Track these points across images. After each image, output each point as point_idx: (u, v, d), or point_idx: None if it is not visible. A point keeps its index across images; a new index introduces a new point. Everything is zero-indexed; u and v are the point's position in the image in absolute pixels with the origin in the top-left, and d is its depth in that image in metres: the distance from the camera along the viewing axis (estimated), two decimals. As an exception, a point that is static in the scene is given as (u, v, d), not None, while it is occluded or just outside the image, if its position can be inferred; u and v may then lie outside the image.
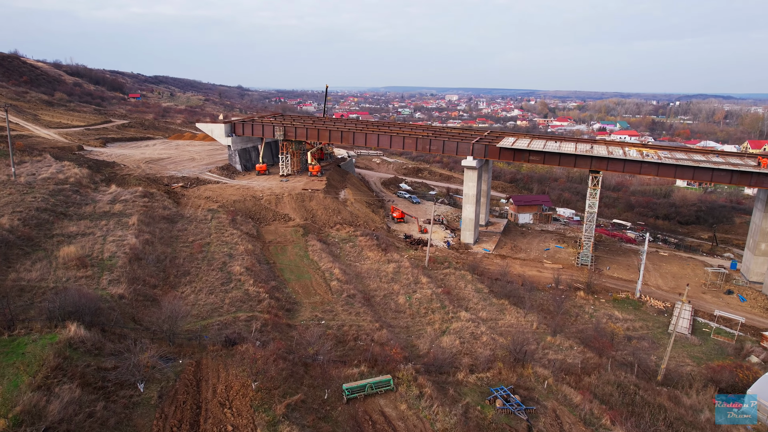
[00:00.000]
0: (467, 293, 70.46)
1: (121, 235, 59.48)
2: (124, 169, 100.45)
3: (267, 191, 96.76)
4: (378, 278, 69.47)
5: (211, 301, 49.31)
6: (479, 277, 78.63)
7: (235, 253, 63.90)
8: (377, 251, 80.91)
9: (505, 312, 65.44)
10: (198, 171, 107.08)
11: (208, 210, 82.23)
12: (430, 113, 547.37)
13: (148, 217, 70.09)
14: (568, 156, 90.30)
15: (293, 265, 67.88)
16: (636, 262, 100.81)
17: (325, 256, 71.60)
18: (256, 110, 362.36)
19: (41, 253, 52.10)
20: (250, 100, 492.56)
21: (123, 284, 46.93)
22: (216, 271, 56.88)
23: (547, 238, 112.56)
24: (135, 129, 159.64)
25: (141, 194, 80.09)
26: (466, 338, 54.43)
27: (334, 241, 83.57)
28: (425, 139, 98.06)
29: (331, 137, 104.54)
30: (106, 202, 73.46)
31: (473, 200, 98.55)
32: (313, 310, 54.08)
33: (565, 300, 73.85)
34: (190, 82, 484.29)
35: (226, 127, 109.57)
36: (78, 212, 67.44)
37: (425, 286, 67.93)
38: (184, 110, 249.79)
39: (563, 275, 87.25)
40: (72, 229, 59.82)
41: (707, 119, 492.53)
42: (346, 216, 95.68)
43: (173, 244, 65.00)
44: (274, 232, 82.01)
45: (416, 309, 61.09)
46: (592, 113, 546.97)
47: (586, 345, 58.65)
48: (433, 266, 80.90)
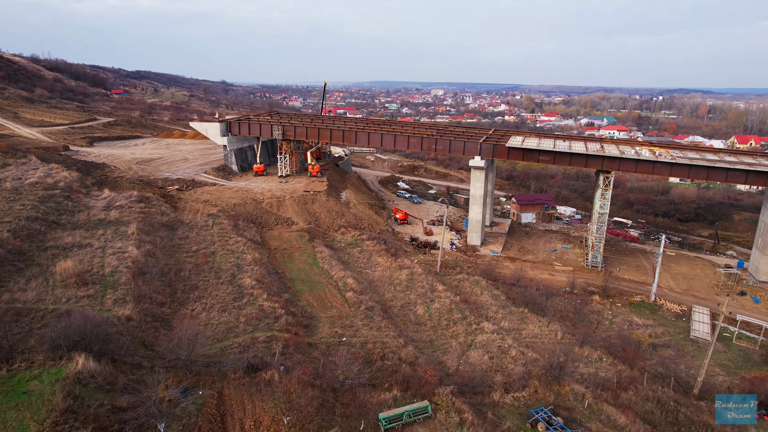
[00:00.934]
0: (485, 301, 67.71)
1: (121, 246, 55.28)
2: (116, 171, 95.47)
3: (267, 194, 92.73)
4: (392, 286, 66.30)
5: (225, 320, 45.63)
6: (494, 282, 75.93)
7: (243, 263, 60.12)
8: (387, 256, 77.68)
9: (527, 321, 62.83)
10: (193, 172, 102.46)
11: (208, 215, 78.04)
12: (417, 108, 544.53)
13: (147, 224, 65.81)
14: (579, 156, 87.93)
15: (303, 274, 64.31)
16: (645, 263, 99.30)
17: (335, 264, 68.16)
18: (242, 106, 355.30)
19: (36, 269, 47.81)
20: (235, 96, 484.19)
21: (129, 304, 43.01)
22: (226, 285, 53.10)
23: (552, 238, 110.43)
24: (122, 127, 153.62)
25: (137, 199, 75.56)
26: (494, 352, 51.63)
27: (340, 246, 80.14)
28: (431, 139, 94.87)
29: (332, 137, 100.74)
30: (101, 209, 68.90)
31: (480, 201, 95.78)
32: (331, 326, 50.70)
33: (583, 306, 71.55)
34: (173, 77, 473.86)
35: (222, 127, 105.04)
36: (71, 221, 62.90)
37: (442, 295, 64.97)
38: (170, 107, 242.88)
39: (576, 278, 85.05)
40: (67, 240, 55.46)
41: (691, 114, 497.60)
42: (350, 219, 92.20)
43: (176, 254, 60.96)
44: (279, 237, 78.23)
45: (437, 320, 58.09)
46: (578, 108, 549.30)
47: (614, 355, 56.33)
48: (445, 271, 77.99)
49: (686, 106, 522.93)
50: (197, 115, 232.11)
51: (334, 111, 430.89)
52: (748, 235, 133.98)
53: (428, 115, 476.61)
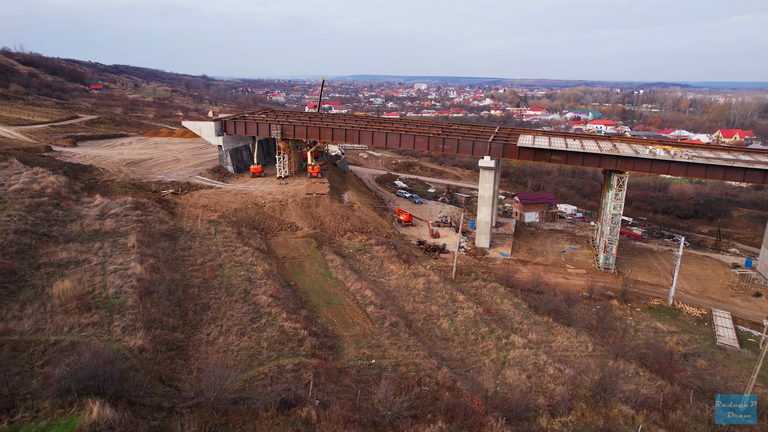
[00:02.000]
0: (507, 310, 64.59)
1: (122, 262, 50.52)
2: (105, 174, 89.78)
3: (268, 197, 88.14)
4: (410, 297, 62.70)
5: (246, 346, 41.45)
6: (511, 289, 72.90)
7: (255, 276, 55.83)
8: (399, 263, 74.03)
9: (554, 332, 59.88)
10: (187, 174, 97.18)
11: (208, 222, 73.33)
12: (402, 103, 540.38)
13: (146, 235, 60.98)
14: (593, 156, 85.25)
15: (317, 286, 60.28)
16: (655, 263, 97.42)
17: (349, 274, 64.27)
18: (226, 101, 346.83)
19: (30, 292, 42.94)
20: (217, 90, 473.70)
21: (140, 331, 38.56)
22: (240, 303, 48.82)
23: (559, 239, 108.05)
24: (106, 125, 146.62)
25: (132, 206, 70.48)
26: (530, 370, 48.47)
27: (349, 253, 76.18)
28: (438, 138, 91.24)
29: (334, 136, 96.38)
30: (94, 218, 63.76)
31: (489, 202, 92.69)
32: (357, 346, 46.90)
33: (606, 313, 68.92)
34: (152, 71, 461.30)
35: (216, 126, 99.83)
36: (64, 232, 57.77)
37: (464, 306, 61.61)
38: (153, 103, 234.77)
39: (592, 282, 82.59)
40: (62, 256, 50.49)
41: (673, 108, 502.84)
42: (356, 222, 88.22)
43: (181, 267, 56.35)
44: (285, 244, 73.93)
45: (464, 335, 54.72)
46: (562, 102, 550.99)
47: (650, 368, 53.67)
48: (460, 278, 74.67)
49: (668, 100, 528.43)
50: (182, 111, 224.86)
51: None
52: (747, 231, 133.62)
53: (414, 110, 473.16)
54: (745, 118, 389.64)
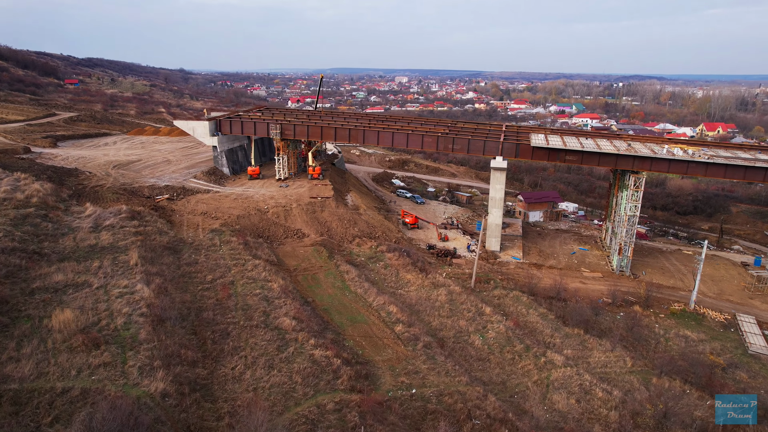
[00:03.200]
0: (534, 322, 61.22)
1: (127, 284, 45.33)
2: (92, 179, 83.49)
3: (270, 202, 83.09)
4: (435, 311, 58.80)
5: (278, 381, 36.94)
6: (533, 297, 69.61)
7: (271, 295, 51.16)
8: (415, 272, 70.05)
9: (588, 346, 56.70)
10: (181, 177, 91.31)
11: (211, 231, 68.14)
12: (385, 97, 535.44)
13: (147, 249, 55.66)
14: (609, 156, 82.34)
15: (337, 302, 55.89)
16: (667, 264, 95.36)
17: (368, 287, 60.02)
18: (206, 96, 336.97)
19: (26, 325, 37.65)
20: (196, 84, 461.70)
21: (159, 371, 33.74)
22: (261, 328, 44.17)
23: (566, 239, 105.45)
24: (86, 123, 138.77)
25: (127, 215, 64.87)
26: (577, 393, 45.08)
27: (361, 262, 71.88)
28: (447, 138, 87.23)
29: (337, 136, 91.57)
30: (88, 231, 58.12)
31: (500, 204, 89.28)
32: (394, 374, 42.79)
33: (634, 322, 66.10)
34: (128, 65, 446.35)
35: (211, 126, 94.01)
36: (56, 249, 52.15)
37: (493, 319, 57.99)
38: (133, 98, 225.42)
39: (610, 287, 79.98)
40: (58, 279, 45.07)
41: (654, 101, 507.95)
42: (363, 227, 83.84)
43: (189, 286, 51.33)
44: (294, 254, 69.23)
45: (499, 354, 51.08)
46: (545, 95, 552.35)
47: (696, 385, 50.87)
48: (480, 286, 71.08)
49: (648, 93, 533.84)
50: (164, 107, 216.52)
51: (303, 99, 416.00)
52: (747, 227, 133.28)
53: (398, 104, 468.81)
54: (725, 111, 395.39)
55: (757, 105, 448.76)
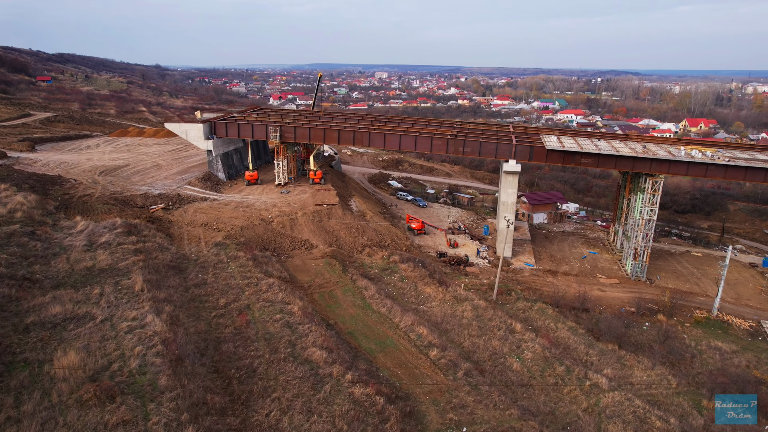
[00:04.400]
0: (565, 338, 57.88)
1: (135, 316, 40.19)
2: (79, 187, 77.22)
3: (274, 210, 78.03)
4: (463, 329, 54.94)
5: (320, 430, 32.50)
6: (558, 309, 66.40)
7: (293, 320, 46.54)
8: (433, 284, 66.13)
9: (626, 364, 53.58)
10: (174, 184, 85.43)
11: (215, 245, 62.99)
12: (367, 93, 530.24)
13: (151, 270, 50.40)
14: (626, 158, 79.53)
15: (361, 324, 51.56)
16: (679, 267, 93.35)
17: (390, 305, 55.84)
18: (186, 93, 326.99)
19: (24, 372, 32.39)
20: (173, 81, 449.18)
21: (189, 428, 28.93)
22: (290, 362, 39.57)
23: (574, 242, 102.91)
24: (65, 124, 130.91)
25: (123, 230, 59.31)
26: (632, 422, 41.76)
27: (375, 274, 67.60)
28: (458, 141, 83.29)
29: (340, 138, 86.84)
30: (82, 249, 52.53)
31: (512, 209, 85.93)
32: (439, 410, 38.76)
33: (666, 334, 63.36)
34: (101, 61, 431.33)
35: (205, 128, 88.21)
36: (49, 273, 46.56)
37: (525, 337, 54.44)
38: (111, 97, 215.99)
39: (629, 294, 77.46)
40: (55, 311, 39.70)
41: (633, 96, 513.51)
42: (372, 235, 79.52)
43: (202, 312, 46.33)
44: (305, 268, 64.55)
45: (540, 377, 47.51)
46: (526, 91, 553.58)
47: (746, 406, 48.11)
48: (502, 298, 67.55)
49: (628, 89, 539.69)
50: (144, 105, 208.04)
51: (285, 96, 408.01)
52: (746, 225, 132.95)
53: (380, 100, 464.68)
54: (704, 106, 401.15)
55: (732, 100, 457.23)
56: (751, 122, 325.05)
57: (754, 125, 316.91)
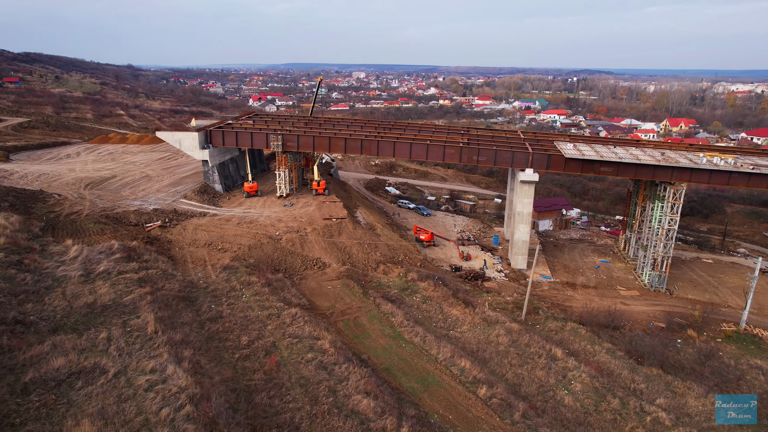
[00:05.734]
0: (606, 362, 54.23)
1: (154, 367, 34.62)
2: (65, 204, 70.40)
3: (280, 225, 72.60)
4: (502, 358, 50.76)
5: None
6: (589, 328, 62.89)
7: (327, 359, 41.55)
8: (459, 305, 61.88)
9: (675, 390, 50.18)
10: (169, 198, 79.08)
11: (223, 269, 57.43)
12: (347, 93, 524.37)
13: (161, 305, 44.69)
14: (647, 167, 76.66)
15: (396, 358, 46.85)
16: (693, 275, 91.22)
17: (423, 333, 51.32)
18: (163, 94, 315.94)
19: (31, 450, 26.78)
20: (148, 82, 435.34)
21: None
22: (335, 415, 34.60)
23: (584, 250, 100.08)
24: (40, 130, 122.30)
25: (122, 255, 53.29)
26: (707, 467, 38.24)
27: (395, 294, 62.92)
28: (471, 149, 79.19)
29: (347, 147, 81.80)
30: (79, 281, 46.48)
31: (528, 219, 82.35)
32: (505, 464, 34.38)
33: (708, 354, 60.41)
34: (71, 60, 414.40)
35: (200, 137, 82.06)
36: (45, 313, 40.49)
37: (569, 365, 50.60)
38: (86, 99, 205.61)
39: (653, 307, 74.68)
40: (57, 364, 33.89)
41: (611, 95, 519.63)
42: (384, 251, 74.81)
43: (223, 354, 40.91)
44: (321, 291, 59.48)
45: (596, 413, 43.62)
46: (506, 91, 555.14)
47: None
48: (531, 318, 63.68)
49: (606, 88, 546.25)
50: (121, 108, 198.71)
51: (264, 97, 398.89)
52: (745, 228, 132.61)
53: (362, 101, 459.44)
54: (681, 106, 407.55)
55: (706, 100, 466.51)
56: (727, 122, 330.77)
57: (730, 125, 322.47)
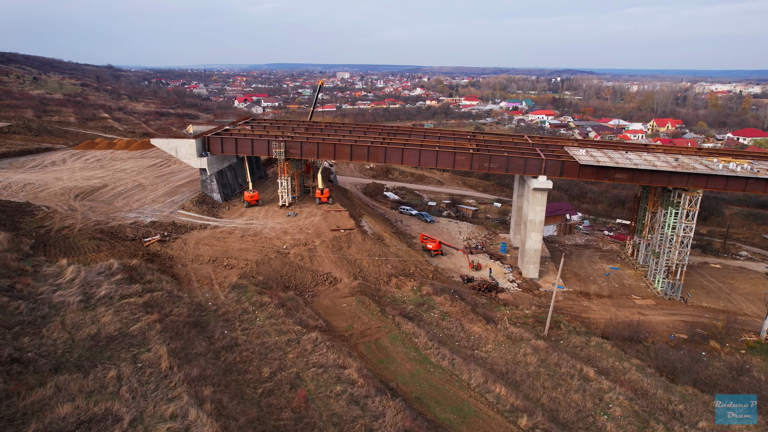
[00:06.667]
0: (638, 380, 51.82)
1: (174, 412, 30.81)
2: (54, 217, 65.73)
3: (286, 238, 68.89)
4: (533, 380, 47.95)
5: None
6: (614, 342, 60.55)
7: (357, 392, 38.18)
8: (479, 322, 59.00)
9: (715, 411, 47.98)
10: (166, 209, 74.74)
11: (231, 288, 53.65)
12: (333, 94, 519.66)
13: (171, 334, 40.83)
14: (662, 173, 74.76)
15: (426, 384, 43.69)
16: (704, 281, 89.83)
17: (450, 355, 48.28)
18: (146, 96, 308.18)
19: None
20: (129, 83, 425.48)
21: None
22: (377, 459, 31.34)
23: (591, 256, 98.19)
24: (21, 135, 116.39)
25: (122, 276, 49.22)
26: (768, 501, 35.87)
27: (412, 311, 59.75)
28: (482, 156, 76.46)
29: (353, 155, 78.39)
30: (78, 308, 42.38)
31: (540, 227, 79.96)
32: None
33: (739, 368, 58.48)
34: (48, 61, 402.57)
35: (198, 144, 77.83)
36: (44, 348, 36.38)
37: (603, 386, 47.99)
38: (67, 101, 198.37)
39: (671, 316, 72.81)
40: (63, 411, 29.92)
41: (596, 96, 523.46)
42: (395, 262, 71.65)
43: (245, 389, 37.25)
44: (336, 310, 56.05)
45: (642, 443, 41.07)
46: (492, 91, 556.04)
47: None
48: (553, 333, 61.09)
49: (590, 88, 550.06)
50: (104, 111, 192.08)
51: (250, 98, 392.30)
52: (744, 230, 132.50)
53: (348, 102, 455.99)
54: (665, 106, 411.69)
55: (688, 100, 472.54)
56: (711, 122, 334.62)
57: (714, 124, 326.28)
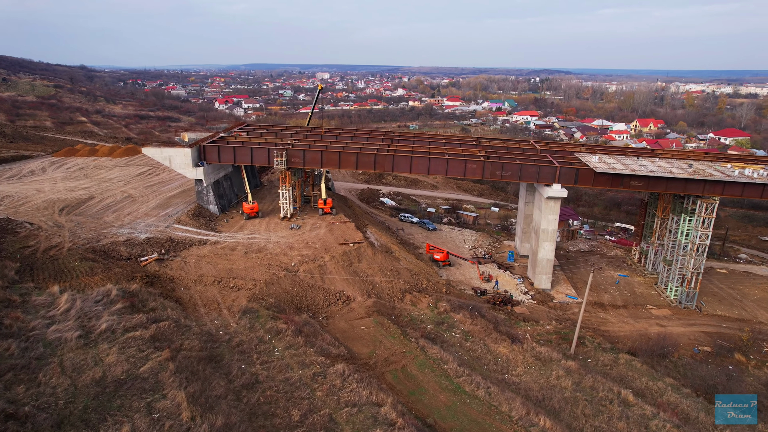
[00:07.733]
0: (676, 402, 49.32)
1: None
2: (40, 235, 60.29)
3: (293, 253, 64.66)
4: (572, 407, 44.93)
5: None
6: (645, 360, 58.09)
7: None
8: (504, 340, 55.87)
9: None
10: (161, 223, 69.73)
11: (242, 313, 49.36)
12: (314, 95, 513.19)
13: (186, 374, 36.46)
14: (677, 180, 72.79)
15: (464, 418, 40.23)
16: (714, 288, 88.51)
17: (484, 383, 44.91)
18: (124, 98, 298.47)
19: None
20: (104, 84, 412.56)
21: None
22: None
23: (598, 263, 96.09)
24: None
25: (123, 304, 44.53)
26: None
27: (432, 331, 56.29)
28: (494, 164, 73.40)
29: (359, 163, 74.49)
30: (77, 345, 37.70)
31: (553, 237, 77.35)
32: None
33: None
34: (17, 61, 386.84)
35: (193, 154, 72.98)
36: (42, 399, 31.75)
37: (646, 412, 45.24)
38: (41, 104, 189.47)
39: (690, 327, 70.94)
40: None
41: (576, 96, 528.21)
42: (407, 277, 68.11)
43: (274, 437, 33.20)
44: (354, 334, 52.20)
45: (699, 477, 38.37)
46: (473, 91, 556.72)
47: None
48: (580, 351, 58.32)
49: (570, 88, 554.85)
50: (82, 114, 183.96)
51: (231, 100, 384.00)
52: (740, 232, 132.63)
53: (331, 102, 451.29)
54: (645, 106, 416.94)
55: (666, 100, 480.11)
56: (690, 122, 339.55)
57: (694, 124, 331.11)
